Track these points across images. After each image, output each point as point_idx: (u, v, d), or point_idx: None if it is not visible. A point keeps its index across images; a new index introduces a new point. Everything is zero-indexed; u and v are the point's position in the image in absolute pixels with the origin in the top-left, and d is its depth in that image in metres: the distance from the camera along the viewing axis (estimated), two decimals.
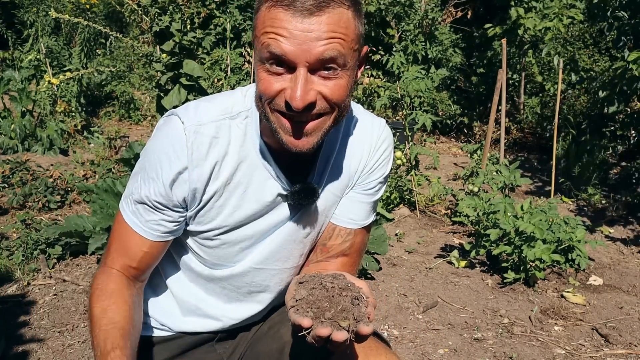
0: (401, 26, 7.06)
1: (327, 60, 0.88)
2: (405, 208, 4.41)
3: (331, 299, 0.86)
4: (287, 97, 0.89)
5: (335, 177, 1.12)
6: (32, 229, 3.28)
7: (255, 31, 0.92)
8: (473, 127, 7.42)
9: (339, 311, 0.85)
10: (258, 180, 1.05)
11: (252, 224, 1.10)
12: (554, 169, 4.24)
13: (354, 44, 0.91)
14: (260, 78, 0.92)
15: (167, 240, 1.09)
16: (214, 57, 6.88)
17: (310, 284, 0.90)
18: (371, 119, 1.16)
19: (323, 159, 1.09)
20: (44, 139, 5.11)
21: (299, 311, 0.86)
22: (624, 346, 2.57)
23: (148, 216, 1.05)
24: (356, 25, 0.91)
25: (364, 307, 0.87)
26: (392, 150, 1.19)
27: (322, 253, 1.17)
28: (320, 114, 0.93)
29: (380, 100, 5.15)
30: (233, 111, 1.04)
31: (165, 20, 3.33)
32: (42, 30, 7.10)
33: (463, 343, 2.54)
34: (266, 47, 0.88)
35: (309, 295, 0.88)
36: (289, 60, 0.87)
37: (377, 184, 1.17)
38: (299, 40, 0.85)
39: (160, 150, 1.02)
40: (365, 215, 1.17)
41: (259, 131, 1.04)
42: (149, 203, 1.04)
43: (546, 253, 2.93)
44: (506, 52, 4.68)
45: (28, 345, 2.32)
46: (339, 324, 0.84)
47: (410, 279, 3.20)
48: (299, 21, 0.85)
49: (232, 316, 1.20)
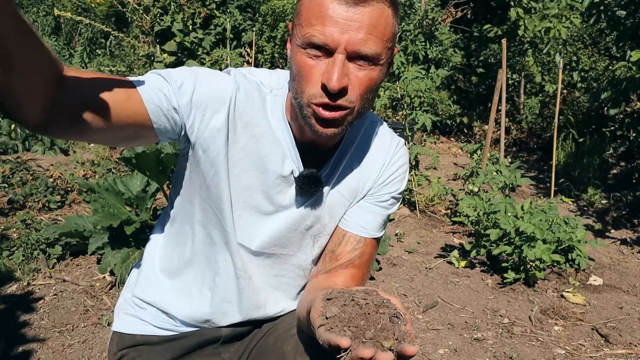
0: (401, 26, 7.06)
1: (363, 54, 0.92)
2: (405, 208, 4.41)
3: (367, 316, 0.80)
4: (324, 80, 0.92)
5: (345, 177, 1.13)
6: (32, 229, 3.28)
7: (299, 19, 0.94)
8: (473, 127, 7.42)
9: (379, 330, 0.78)
10: (277, 153, 1.07)
11: (259, 195, 1.09)
12: (554, 169, 4.24)
13: (389, 42, 0.95)
14: (299, 62, 0.95)
15: (148, 114, 0.93)
16: (214, 57, 6.87)
17: (340, 300, 0.83)
18: (391, 135, 1.19)
19: (338, 155, 1.12)
20: (45, 139, 5.11)
21: (333, 330, 0.79)
22: (624, 346, 2.57)
23: (160, 83, 0.95)
24: (393, 23, 0.95)
25: (403, 325, 0.80)
26: (407, 171, 1.20)
27: (331, 261, 1.15)
28: (346, 107, 0.96)
29: (380, 100, 5.16)
30: (268, 86, 1.09)
31: (167, 20, 3.34)
32: (42, 30, 7.09)
33: (463, 343, 2.54)
34: (309, 38, 0.91)
35: (342, 312, 0.81)
36: (329, 47, 0.91)
37: (391, 198, 1.17)
38: (340, 28, 0.90)
39: (212, 71, 1.03)
40: (377, 227, 1.17)
41: (284, 111, 1.07)
42: (167, 77, 0.96)
43: (546, 253, 2.93)
44: (506, 52, 4.68)
45: (28, 345, 2.32)
46: (381, 344, 0.77)
47: (410, 279, 3.20)
48: (344, 9, 0.89)
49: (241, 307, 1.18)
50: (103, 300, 2.70)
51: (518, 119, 7.21)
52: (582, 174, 5.30)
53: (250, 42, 7.03)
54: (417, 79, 4.82)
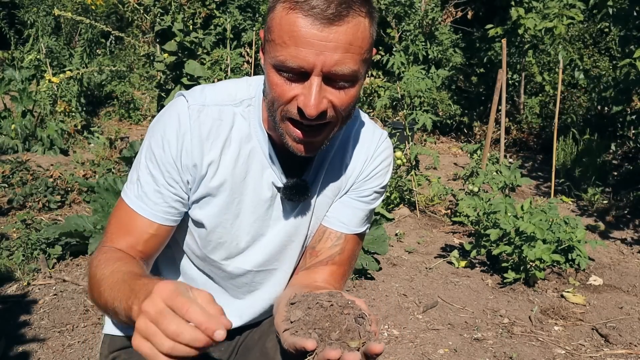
0: (401, 26, 7.06)
1: (340, 74, 0.88)
2: (405, 208, 4.41)
3: (332, 318, 0.80)
4: (301, 105, 0.88)
5: (330, 178, 1.11)
6: (32, 229, 3.28)
7: (271, 34, 0.90)
8: (473, 127, 7.42)
9: (344, 331, 0.79)
10: (256, 168, 1.05)
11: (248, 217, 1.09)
12: (553, 169, 4.24)
13: (368, 54, 0.91)
14: (272, 82, 0.91)
15: (173, 222, 1.06)
16: (214, 57, 6.87)
17: (304, 303, 0.83)
18: (373, 128, 1.15)
19: (320, 157, 1.09)
20: (45, 139, 5.11)
21: (298, 333, 0.79)
22: (624, 346, 2.57)
23: (155, 197, 1.01)
24: (371, 33, 0.91)
25: (369, 325, 0.81)
26: (391, 164, 1.17)
27: (311, 257, 1.14)
28: (327, 123, 0.93)
29: (380, 100, 5.16)
30: (237, 98, 1.05)
31: (168, 20, 3.34)
32: (42, 30, 7.09)
33: (463, 343, 2.54)
34: (282, 62, 0.87)
35: (306, 315, 0.81)
36: (305, 70, 0.87)
37: (373, 193, 1.15)
38: (315, 50, 0.85)
39: (166, 126, 1.01)
40: (358, 222, 1.14)
41: (261, 121, 1.04)
42: (158, 178, 1.01)
43: (546, 253, 2.93)
44: (506, 52, 4.68)
45: (28, 345, 2.32)
46: (348, 345, 0.78)
47: (410, 279, 3.20)
48: (319, 29, 0.84)
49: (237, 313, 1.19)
50: None
51: (518, 119, 7.21)
52: (582, 174, 5.29)
53: (250, 42, 7.03)
54: (417, 79, 4.83)
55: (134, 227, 1.02)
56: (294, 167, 1.07)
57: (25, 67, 6.25)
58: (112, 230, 1.04)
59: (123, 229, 1.03)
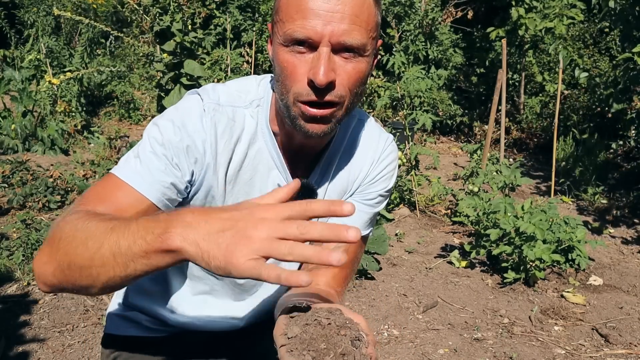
0: (401, 26, 7.06)
1: (349, 45, 0.89)
2: (405, 208, 4.41)
3: (328, 338, 0.79)
4: (311, 76, 0.89)
5: (335, 180, 1.11)
6: (32, 229, 3.28)
7: (279, 15, 0.91)
8: (473, 127, 7.42)
9: (338, 355, 0.78)
10: (262, 169, 1.05)
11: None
12: (553, 169, 4.24)
13: (373, 32, 0.92)
14: (283, 61, 0.91)
15: (162, 206, 0.97)
16: (214, 57, 6.87)
17: (303, 319, 0.82)
18: (379, 131, 1.15)
19: (327, 159, 1.09)
20: (45, 139, 5.11)
21: (292, 353, 0.79)
22: (624, 346, 2.57)
23: (157, 173, 0.94)
24: (376, 13, 0.93)
25: (365, 347, 0.79)
26: (397, 167, 1.17)
27: None
28: (335, 103, 0.93)
29: (380, 100, 5.15)
30: (247, 99, 1.04)
31: (167, 20, 3.34)
32: (42, 30, 7.09)
33: (463, 343, 2.54)
34: (291, 34, 0.88)
35: (303, 332, 0.80)
36: (313, 41, 0.88)
37: (378, 196, 1.15)
38: (323, 21, 0.86)
39: (183, 116, 0.97)
40: (362, 225, 1.14)
41: (268, 120, 1.04)
42: (163, 159, 0.95)
43: (546, 253, 2.93)
44: (506, 52, 4.68)
45: (28, 345, 2.32)
46: None
47: (410, 279, 3.20)
48: (325, 0, 0.86)
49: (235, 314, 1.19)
50: (103, 300, 2.70)
51: (518, 119, 7.21)
52: (582, 174, 5.29)
53: (250, 42, 7.03)
54: (417, 78, 4.82)
55: (120, 199, 0.92)
56: (300, 168, 1.07)
57: (25, 67, 6.25)
58: (91, 198, 0.92)
59: (107, 199, 0.92)
